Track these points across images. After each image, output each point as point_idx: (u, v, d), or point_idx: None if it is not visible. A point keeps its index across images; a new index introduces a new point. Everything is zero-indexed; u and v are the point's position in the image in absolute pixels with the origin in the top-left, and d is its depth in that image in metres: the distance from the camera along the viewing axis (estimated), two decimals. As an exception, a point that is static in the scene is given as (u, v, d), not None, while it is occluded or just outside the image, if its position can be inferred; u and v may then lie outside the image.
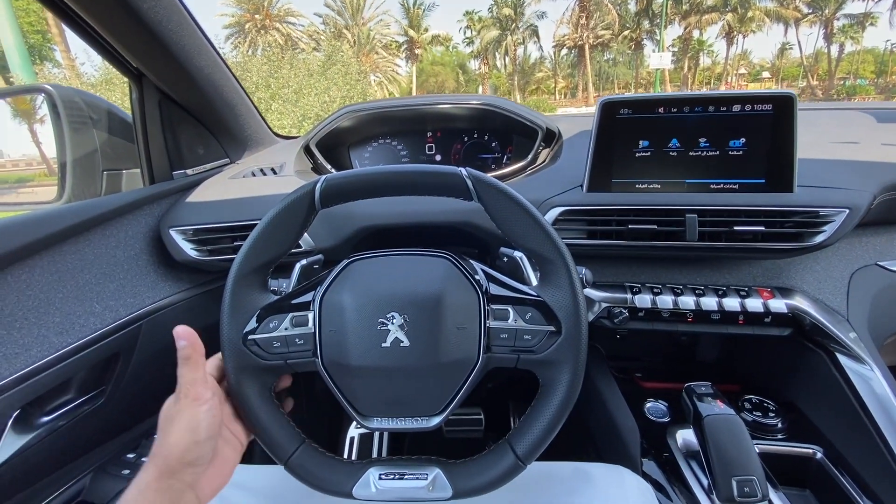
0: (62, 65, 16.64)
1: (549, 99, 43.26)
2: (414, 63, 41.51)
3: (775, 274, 0.87)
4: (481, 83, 44.44)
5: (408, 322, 0.56)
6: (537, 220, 0.56)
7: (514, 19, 40.38)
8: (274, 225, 0.58)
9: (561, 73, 47.01)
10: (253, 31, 33.40)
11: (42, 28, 19.25)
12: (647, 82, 42.61)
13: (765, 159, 0.80)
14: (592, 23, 38.40)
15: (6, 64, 8.19)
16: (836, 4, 34.21)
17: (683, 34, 38.68)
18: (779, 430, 0.80)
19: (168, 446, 0.47)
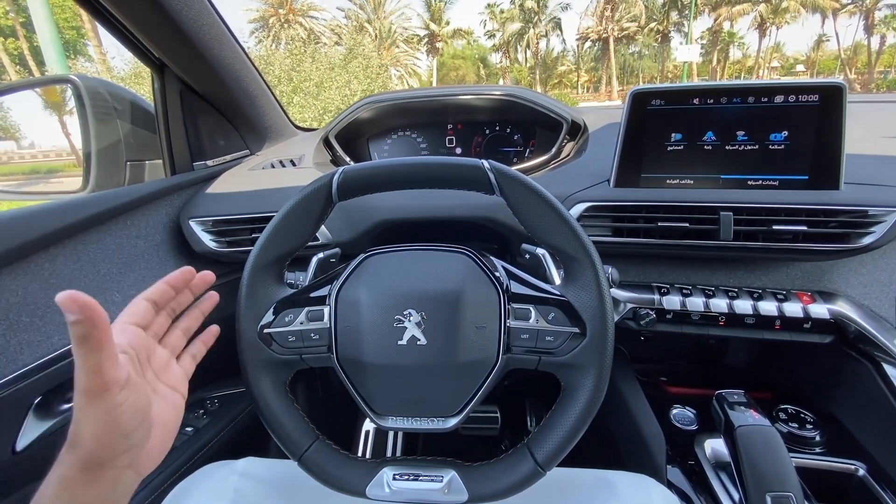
0: (94, 59, 17.17)
1: (571, 93, 42.66)
2: (435, 57, 41.38)
3: (816, 277, 0.81)
4: (502, 77, 44.03)
5: (425, 319, 0.55)
6: (563, 217, 0.53)
7: (538, 11, 39.80)
8: (291, 217, 0.57)
9: (584, 66, 46.19)
10: (277, 25, 33.80)
11: (77, 24, 19.93)
12: (673, 76, 41.50)
13: (809, 154, 0.74)
14: (618, 15, 37.56)
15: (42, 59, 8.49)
16: (879, -6, 32.65)
17: (713, 26, 37.50)
18: (817, 443, 0.75)
19: (88, 440, 0.38)
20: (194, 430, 0.90)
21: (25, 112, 12.28)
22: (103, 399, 0.37)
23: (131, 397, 0.40)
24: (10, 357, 0.64)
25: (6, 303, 0.65)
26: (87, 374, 0.36)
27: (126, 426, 0.39)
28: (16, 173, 8.77)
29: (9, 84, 1.08)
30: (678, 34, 38.01)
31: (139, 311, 0.49)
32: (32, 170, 9.22)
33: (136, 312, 0.48)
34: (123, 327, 0.46)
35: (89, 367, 0.36)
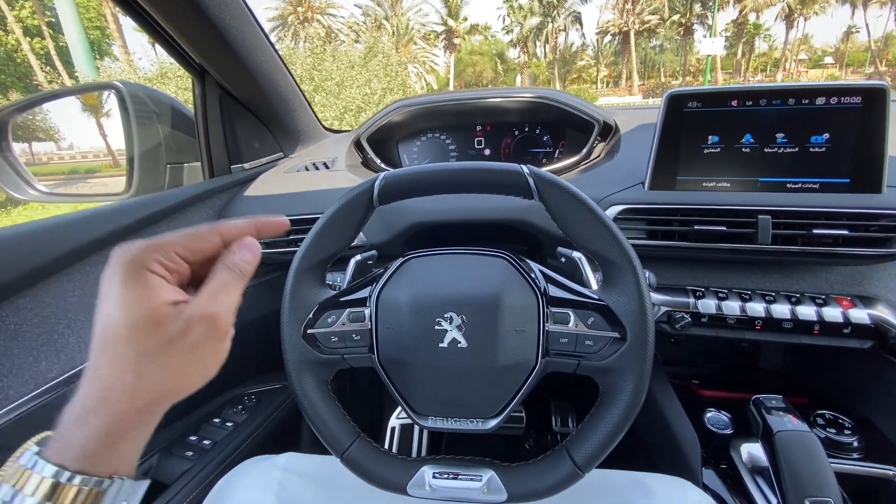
0: (119, 59, 17.63)
1: (590, 88, 42.04)
2: (452, 53, 41.23)
3: (856, 281, 0.80)
4: (520, 72, 43.66)
5: (465, 323, 0.56)
6: (603, 221, 0.54)
7: (557, 6, 39.30)
8: (333, 221, 0.59)
9: (603, 61, 45.47)
10: (295, 23, 34.13)
11: (101, 24, 20.46)
12: (695, 69, 40.54)
13: (850, 157, 0.73)
14: (639, 8, 36.84)
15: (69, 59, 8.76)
16: (914, -18, 31.28)
17: (738, 18, 36.47)
18: (855, 448, 0.74)
19: (166, 385, 0.33)
20: (234, 426, 0.93)
21: (64, 115, 12.74)
22: (223, 339, 0.36)
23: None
24: (70, 355, 0.68)
25: (65, 303, 0.69)
26: (228, 316, 0.35)
27: (218, 365, 0.37)
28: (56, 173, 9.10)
29: (56, 91, 1.12)
30: (701, 27, 37.10)
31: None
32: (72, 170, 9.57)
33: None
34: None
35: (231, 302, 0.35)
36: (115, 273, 0.33)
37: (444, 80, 37.67)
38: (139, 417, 0.33)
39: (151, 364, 0.32)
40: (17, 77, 17.81)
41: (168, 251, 0.34)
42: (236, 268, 0.37)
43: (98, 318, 0.32)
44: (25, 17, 18.77)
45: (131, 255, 0.33)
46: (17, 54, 17.87)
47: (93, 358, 0.32)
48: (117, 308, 0.32)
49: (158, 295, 0.32)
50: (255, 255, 0.38)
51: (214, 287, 0.35)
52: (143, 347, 0.32)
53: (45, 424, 0.64)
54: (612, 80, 45.29)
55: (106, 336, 0.32)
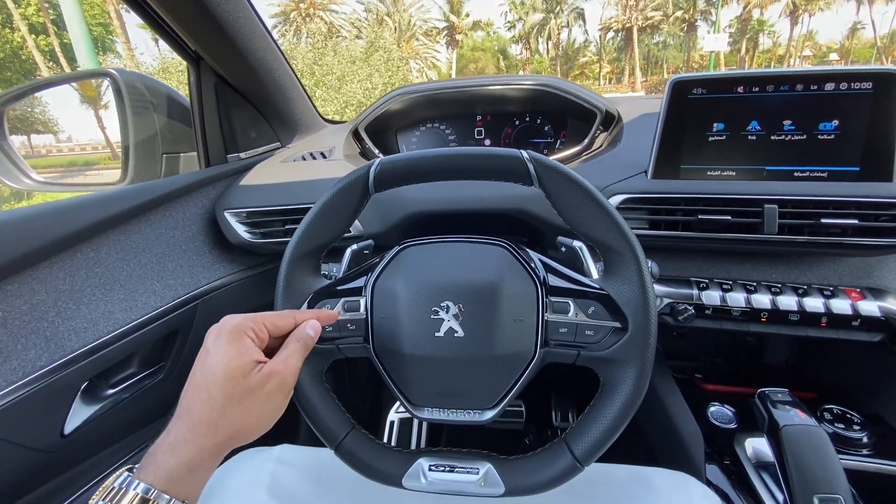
0: (122, 55, 17.63)
1: (592, 84, 41.89)
2: (454, 49, 41.12)
3: (865, 273, 0.78)
4: (522, 68, 43.51)
5: (462, 312, 0.54)
6: (605, 209, 0.52)
7: (560, 2, 39.13)
8: (328, 208, 0.57)
9: (606, 57, 45.26)
10: (298, 19, 34.08)
11: (104, 21, 20.49)
12: (699, 66, 40.30)
13: (860, 144, 0.71)
14: (642, 4, 36.62)
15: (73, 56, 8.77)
16: (921, -23, 31.00)
17: (742, 14, 36.24)
18: (864, 444, 0.73)
19: (241, 426, 0.42)
20: (229, 417, 0.92)
21: (63, 107, 12.90)
22: (290, 380, 0.46)
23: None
24: (59, 343, 0.67)
25: (55, 291, 0.68)
26: (292, 377, 0.46)
27: (282, 409, 0.46)
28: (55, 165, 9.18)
29: (50, 78, 1.11)
30: (705, 23, 36.87)
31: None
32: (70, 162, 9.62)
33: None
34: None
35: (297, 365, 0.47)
36: (221, 334, 0.44)
37: (445, 75, 37.56)
38: (216, 452, 0.41)
39: (234, 407, 0.41)
40: (23, 73, 17.85)
41: (260, 324, 0.46)
42: (302, 340, 0.48)
43: (199, 366, 0.42)
44: (31, 14, 18.81)
45: (235, 323, 0.44)
46: (23, 51, 17.91)
47: (187, 399, 0.41)
48: (219, 359, 0.42)
49: (250, 353, 0.43)
50: (316, 332, 0.50)
51: (286, 353, 0.46)
52: (231, 392, 0.41)
53: (33, 413, 0.63)
54: (615, 76, 45.08)
55: (205, 380, 0.41)
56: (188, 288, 0.87)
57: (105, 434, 0.77)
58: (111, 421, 0.75)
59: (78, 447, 0.71)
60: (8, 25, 17.40)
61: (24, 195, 5.96)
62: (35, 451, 0.65)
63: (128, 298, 0.77)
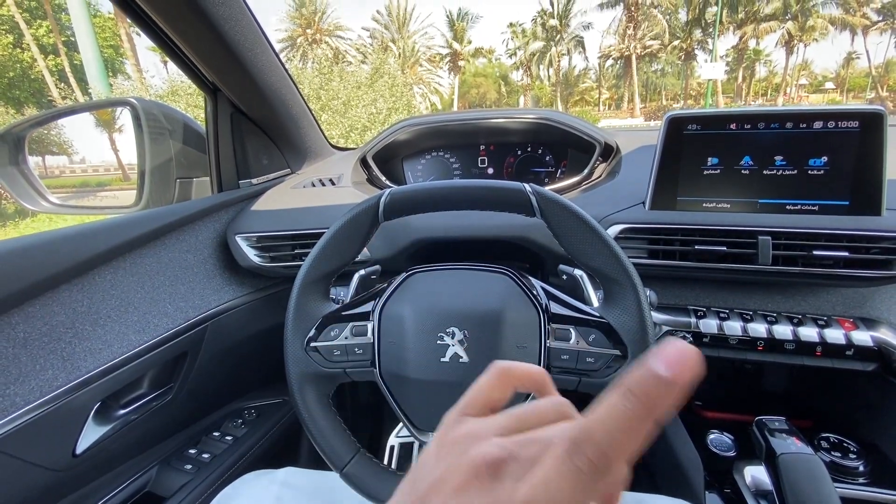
0: (132, 77, 18.04)
1: (592, 110, 42.59)
2: (457, 75, 42.00)
3: (857, 303, 0.80)
4: (523, 94, 44.34)
5: (467, 338, 0.56)
6: (604, 239, 0.55)
7: (560, 30, 40.14)
8: (339, 236, 0.60)
9: (606, 84, 46.18)
10: (304, 45, 34.94)
11: (115, 43, 21.03)
12: (696, 93, 41.07)
13: (849, 179, 0.74)
14: (640, 33, 37.57)
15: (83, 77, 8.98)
16: (911, 11, 31.86)
17: (738, 44, 37.11)
18: (860, 473, 0.73)
19: None
20: (233, 439, 0.93)
21: (79, 130, 13.21)
22: None
23: None
24: (75, 364, 0.69)
25: (73, 312, 0.70)
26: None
27: None
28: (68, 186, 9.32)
29: (72, 106, 1.16)
30: (702, 51, 37.73)
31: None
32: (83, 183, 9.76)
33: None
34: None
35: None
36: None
37: (448, 100, 38.25)
38: None
39: None
40: (32, 93, 18.24)
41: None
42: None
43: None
44: (41, 35, 19.33)
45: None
46: (32, 71, 18.35)
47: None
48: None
49: None
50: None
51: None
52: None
53: (48, 433, 0.64)
54: (614, 102, 45.89)
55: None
56: (198, 310, 0.89)
57: (114, 454, 0.78)
58: (120, 441, 0.76)
59: (88, 467, 0.72)
60: (19, 45, 17.85)
61: (28, 212, 6.01)
62: (48, 471, 0.66)
63: (141, 320, 0.79)
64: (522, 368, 0.31)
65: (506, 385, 0.30)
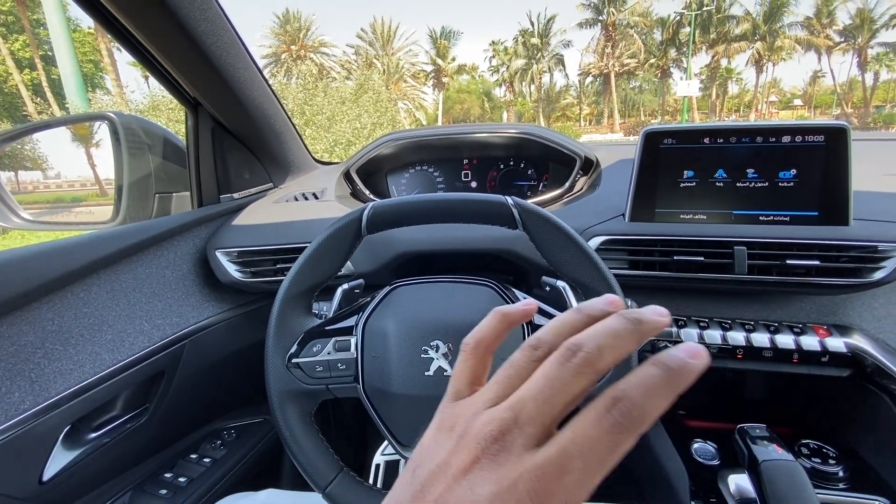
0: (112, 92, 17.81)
1: (574, 125, 43.52)
2: (441, 91, 42.57)
3: (831, 310, 0.82)
4: (506, 110, 45.10)
5: (452, 351, 0.56)
6: (585, 250, 0.56)
7: (541, 48, 41.14)
8: (322, 250, 0.59)
9: (586, 100, 47.33)
10: (289, 61, 35.06)
11: (95, 58, 20.80)
12: (673, 109, 42.41)
13: (818, 191, 0.77)
14: (618, 51, 38.73)
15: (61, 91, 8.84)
16: (869, 33, 33.59)
17: (711, 63, 38.54)
18: (840, 478, 0.74)
19: None
20: (212, 461, 0.90)
21: (53, 144, 12.93)
22: None
23: None
24: (44, 385, 0.66)
25: (42, 332, 0.67)
26: None
27: None
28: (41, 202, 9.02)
29: (48, 120, 1.13)
30: (677, 69, 39.08)
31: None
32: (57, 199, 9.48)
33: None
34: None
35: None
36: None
37: (433, 116, 38.68)
38: None
39: None
40: (5, 107, 17.84)
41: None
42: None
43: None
44: (17, 49, 19.01)
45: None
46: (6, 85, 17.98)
47: None
48: None
49: None
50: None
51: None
52: None
53: (13, 459, 0.61)
54: (595, 118, 47.00)
55: None
56: (176, 328, 0.87)
57: (84, 480, 0.74)
58: (91, 466, 0.73)
59: (57, 494, 0.69)
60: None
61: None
62: (11, 499, 0.62)
63: (116, 339, 0.76)
64: (516, 307, 0.32)
65: (504, 325, 0.31)
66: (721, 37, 36.17)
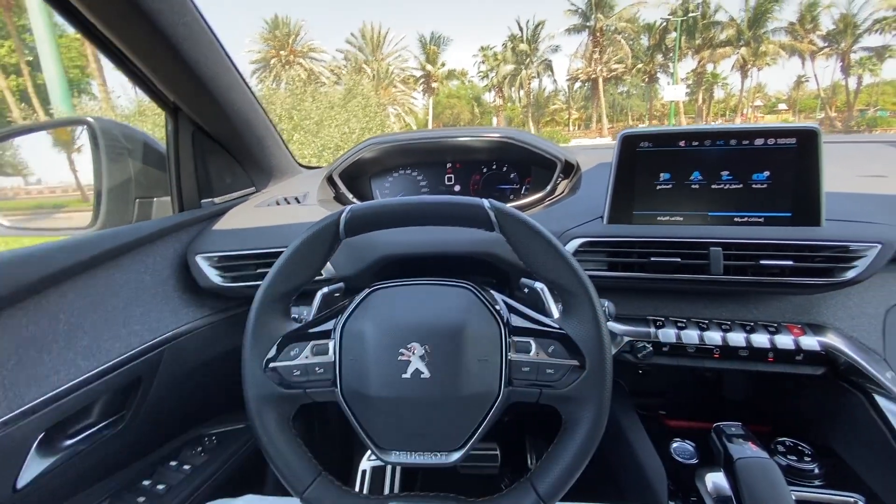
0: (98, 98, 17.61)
1: (563, 130, 43.89)
2: (431, 96, 42.72)
3: (805, 310, 0.84)
4: (496, 115, 45.36)
5: (429, 353, 0.56)
6: (560, 252, 0.56)
7: (529, 54, 41.48)
8: (299, 253, 0.59)
9: (575, 105, 47.76)
10: (278, 66, 34.96)
11: (81, 63, 20.56)
12: (661, 114, 42.97)
13: (790, 192, 0.79)
14: (606, 57, 39.17)
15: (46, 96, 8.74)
16: (853, 38, 34.36)
17: (697, 68, 39.14)
18: (816, 476, 0.76)
19: None
20: (192, 468, 0.89)
21: (34, 150, 12.70)
22: None
23: None
24: (18, 393, 0.65)
25: (18, 338, 0.66)
26: None
27: None
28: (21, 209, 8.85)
29: (27, 125, 1.12)
30: (664, 75, 39.62)
31: None
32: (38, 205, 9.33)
33: None
34: None
35: None
36: None
37: (423, 121, 38.76)
38: None
39: None
40: (-11, 113, 17.58)
41: None
42: None
43: None
44: (3, 55, 18.75)
45: None
46: (-9, 91, 17.73)
47: None
48: None
49: None
50: None
51: None
52: None
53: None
54: (583, 122, 47.42)
55: None
56: (155, 333, 0.86)
57: (60, 487, 0.73)
58: (68, 473, 0.72)
59: (31, 501, 0.67)
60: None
61: (-18, 237, 5.69)
62: None
63: (92, 345, 0.75)
64: None
65: None
66: (706, 42, 36.77)
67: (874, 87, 39.51)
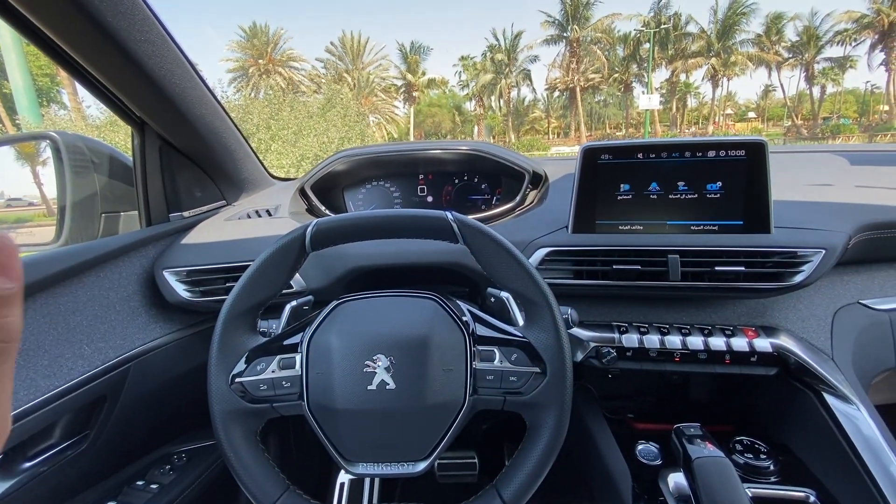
0: (69, 107, 17.11)
1: (542, 138, 44.54)
2: (412, 105, 42.88)
3: (759, 313, 0.88)
4: (476, 124, 45.79)
5: (394, 364, 0.57)
6: (520, 262, 0.58)
7: (508, 63, 42.09)
8: (265, 267, 0.60)
9: (553, 114, 48.60)
10: (256, 75, 34.64)
11: (51, 72, 19.96)
12: (637, 122, 44.03)
13: (742, 202, 0.83)
14: (582, 67, 40.03)
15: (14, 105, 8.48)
16: (816, 49, 35.92)
17: (671, 77, 40.33)
18: (771, 472, 0.79)
19: None
20: (159, 487, 0.87)
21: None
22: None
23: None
24: None
25: None
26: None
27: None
28: (-19, 225, 8.48)
29: (-14, 140, 1.09)
30: (639, 84, 40.69)
31: None
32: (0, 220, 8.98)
33: None
34: None
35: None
36: None
37: (404, 130, 38.84)
38: None
39: None
40: (-49, 124, 16.88)
41: None
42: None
43: None
44: (-34, 63, 18.11)
45: None
46: (-47, 101, 17.04)
47: None
48: None
49: None
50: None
51: None
52: None
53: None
54: (562, 130, 48.25)
55: None
56: (120, 350, 0.85)
57: None
58: (28, 496, 0.70)
59: None
60: (-63, 74, 16.61)
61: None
62: None
63: (52, 364, 0.74)
64: None
65: None
66: (679, 53, 37.97)
67: (837, 96, 41.34)
